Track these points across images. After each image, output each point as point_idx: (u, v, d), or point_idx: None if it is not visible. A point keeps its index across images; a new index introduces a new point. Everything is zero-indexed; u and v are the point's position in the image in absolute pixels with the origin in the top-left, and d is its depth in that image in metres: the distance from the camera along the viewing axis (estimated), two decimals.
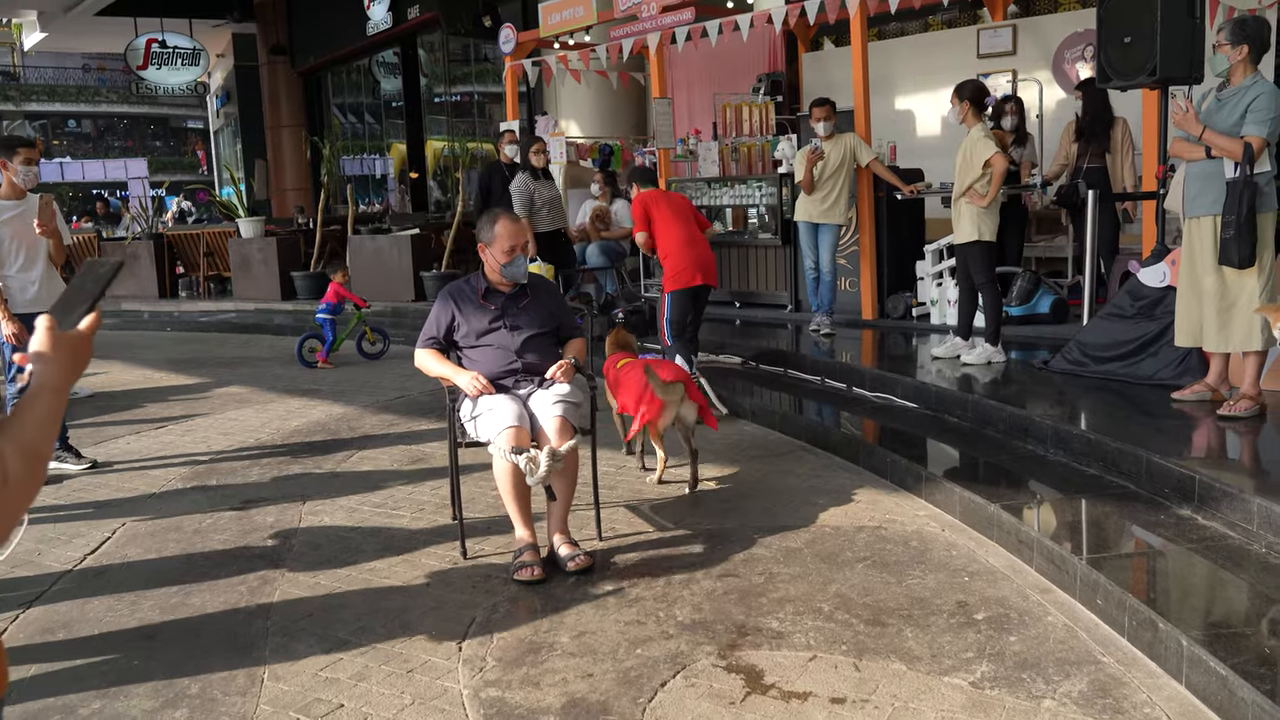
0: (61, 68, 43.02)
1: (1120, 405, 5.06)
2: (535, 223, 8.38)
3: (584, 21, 10.09)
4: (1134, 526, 3.77)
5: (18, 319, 5.28)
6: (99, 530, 4.54)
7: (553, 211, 8.65)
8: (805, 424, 5.79)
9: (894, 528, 4.17)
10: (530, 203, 8.40)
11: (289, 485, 5.17)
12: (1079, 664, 2.94)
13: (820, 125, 7.44)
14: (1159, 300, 5.35)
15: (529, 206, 8.38)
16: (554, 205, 8.68)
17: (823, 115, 7.46)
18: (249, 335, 11.44)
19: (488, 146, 18.13)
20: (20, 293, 5.41)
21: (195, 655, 3.24)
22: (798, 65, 11.70)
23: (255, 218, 13.63)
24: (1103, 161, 7.52)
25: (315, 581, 3.82)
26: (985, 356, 6.10)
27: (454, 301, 4.09)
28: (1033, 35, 9.60)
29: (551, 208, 8.63)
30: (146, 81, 19.54)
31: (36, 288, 5.44)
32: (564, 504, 3.90)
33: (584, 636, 3.25)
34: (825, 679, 2.90)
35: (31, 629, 3.49)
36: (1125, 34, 5.43)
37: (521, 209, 8.31)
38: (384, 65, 20.07)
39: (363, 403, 7.25)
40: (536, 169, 8.48)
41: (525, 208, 8.35)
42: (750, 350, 7.49)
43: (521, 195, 8.39)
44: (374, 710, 2.84)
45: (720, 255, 9.44)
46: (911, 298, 7.99)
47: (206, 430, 6.55)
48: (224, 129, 25.41)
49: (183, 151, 44.61)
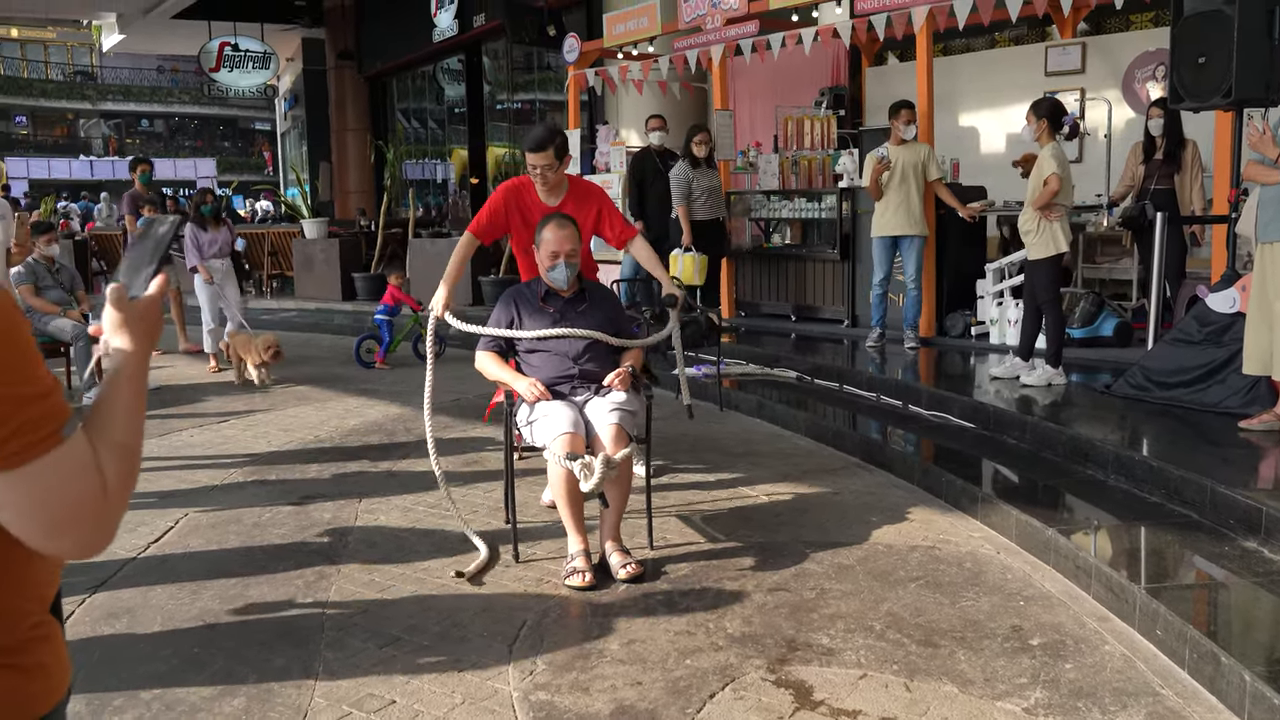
0: (137, 69, 44.24)
1: (1185, 432, 4.96)
2: (692, 211, 8.49)
3: (648, 32, 10.14)
4: (1197, 557, 3.69)
5: None
6: (163, 519, 4.65)
7: (711, 200, 8.66)
8: (860, 440, 5.75)
9: (948, 548, 4.13)
10: (688, 191, 8.48)
11: (346, 483, 5.26)
12: (1136, 695, 2.89)
13: (908, 128, 7.41)
14: (1227, 326, 5.24)
15: (686, 195, 8.47)
16: (713, 194, 8.70)
17: (910, 118, 7.42)
18: (309, 334, 11.64)
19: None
20: None
21: (253, 646, 3.30)
22: (861, 79, 11.65)
23: (319, 219, 13.88)
24: (1171, 183, 7.38)
25: (370, 579, 3.88)
26: (1046, 378, 6.01)
27: (514, 305, 4.14)
28: (1102, 54, 9.46)
29: (710, 196, 8.65)
30: (218, 83, 20.02)
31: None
32: (617, 511, 3.91)
33: (634, 644, 3.26)
34: (875, 698, 2.88)
35: (96, 614, 3.59)
36: (1200, 54, 5.33)
37: (679, 197, 8.44)
38: (448, 72, 20.32)
39: (418, 404, 7.28)
40: (697, 157, 8.53)
41: (683, 196, 8.45)
42: (805, 365, 7.46)
43: (680, 184, 8.47)
44: (425, 708, 2.88)
45: (778, 268, 9.44)
46: (971, 316, 7.90)
47: (267, 426, 6.67)
48: (290, 131, 25.90)
49: (250, 153, 45.59)
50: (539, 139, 4.37)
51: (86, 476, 1.08)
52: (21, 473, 1.04)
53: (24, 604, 1.14)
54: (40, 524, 1.07)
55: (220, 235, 8.87)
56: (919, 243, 7.50)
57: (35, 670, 1.15)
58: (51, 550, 1.10)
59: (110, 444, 1.12)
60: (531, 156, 4.36)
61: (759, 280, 9.61)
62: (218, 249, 8.82)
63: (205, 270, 8.71)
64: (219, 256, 8.84)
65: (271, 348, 7.88)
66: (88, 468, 1.09)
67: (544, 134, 4.40)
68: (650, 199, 8.90)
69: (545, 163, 4.34)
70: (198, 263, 8.70)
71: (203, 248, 8.73)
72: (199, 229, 8.78)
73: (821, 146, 9.86)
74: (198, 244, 8.72)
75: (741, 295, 9.71)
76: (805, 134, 9.89)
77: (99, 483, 1.09)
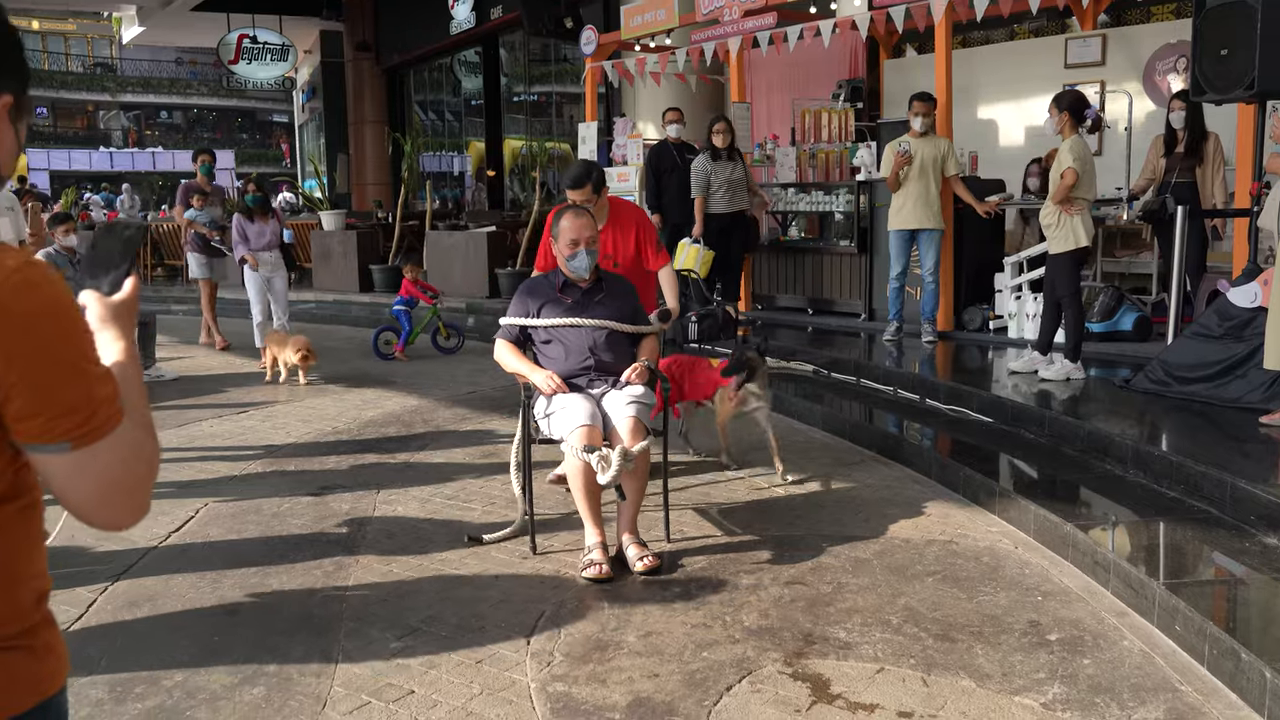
0: (156, 60, 44.43)
1: (1204, 427, 4.93)
2: (711, 204, 8.44)
3: (665, 25, 10.12)
4: (1216, 553, 3.67)
5: None
6: (183, 509, 4.69)
7: (731, 193, 8.57)
8: (877, 434, 5.74)
9: (965, 543, 4.12)
10: (706, 184, 8.44)
11: (364, 474, 5.29)
12: (1155, 691, 2.88)
13: (918, 120, 7.34)
14: (1249, 321, 5.20)
15: (704, 187, 8.43)
16: (734, 187, 8.59)
17: (922, 110, 7.33)
18: (327, 326, 11.68)
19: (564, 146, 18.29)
20: None
21: (273, 635, 3.33)
22: (879, 72, 11.58)
23: (337, 211, 13.93)
24: (1192, 176, 7.32)
25: (388, 569, 3.91)
26: (1064, 373, 5.98)
27: (531, 296, 4.15)
28: (1123, 46, 9.39)
29: (730, 189, 8.55)
30: (237, 76, 20.06)
31: None
32: (634, 504, 3.92)
33: (650, 637, 3.27)
34: (893, 692, 2.88)
35: (119, 601, 3.62)
36: (1222, 46, 5.29)
37: (698, 190, 8.41)
38: (465, 64, 20.34)
39: (436, 396, 7.37)
40: (718, 149, 8.48)
41: (700, 188, 8.41)
42: (822, 358, 7.44)
43: (699, 176, 8.44)
44: (443, 698, 2.90)
45: (795, 262, 9.42)
46: (989, 310, 7.87)
47: (286, 417, 6.71)
48: (308, 123, 25.97)
49: (268, 145, 45.77)
50: (577, 176, 4.60)
51: (143, 447, 1.17)
52: (96, 447, 1.11)
53: (38, 584, 1.19)
54: (99, 494, 1.14)
55: (269, 226, 8.72)
56: (936, 236, 7.46)
57: (45, 651, 1.19)
58: (98, 521, 1.16)
59: (143, 423, 1.19)
60: (572, 193, 4.55)
61: (775, 274, 9.59)
62: (266, 241, 8.66)
63: (253, 258, 8.56)
64: (268, 249, 8.69)
65: (302, 350, 7.69)
66: (142, 440, 1.17)
67: (581, 171, 4.65)
68: (668, 191, 8.90)
69: (584, 198, 4.54)
70: (245, 252, 8.58)
71: (250, 238, 8.59)
72: (245, 220, 8.66)
73: (839, 139, 9.82)
74: (244, 235, 8.59)
75: (758, 289, 9.70)
76: (823, 127, 9.84)
77: (151, 453, 1.19)
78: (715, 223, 8.48)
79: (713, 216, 8.47)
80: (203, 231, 9.50)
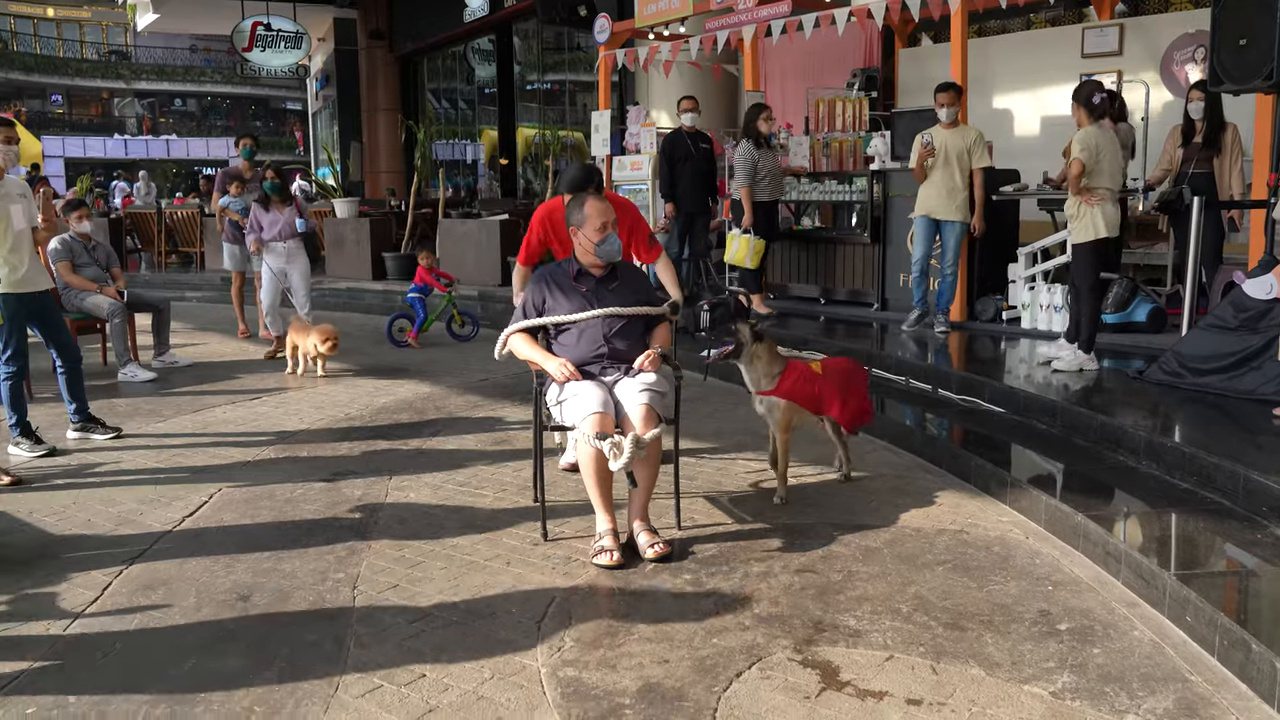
0: (170, 48, 44.58)
1: (1218, 419, 4.91)
2: (755, 193, 8.39)
3: (680, 13, 10.09)
4: (1228, 544, 3.66)
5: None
6: (196, 494, 4.72)
7: (773, 182, 8.57)
8: (889, 424, 5.73)
9: (976, 532, 4.12)
10: (753, 172, 8.37)
11: (376, 460, 5.31)
12: (1165, 681, 2.88)
13: (943, 112, 7.27)
14: (1264, 313, 5.17)
15: (751, 175, 8.35)
16: (775, 176, 8.60)
17: (946, 101, 7.25)
18: (341, 313, 11.73)
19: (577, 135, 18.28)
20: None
21: (285, 619, 3.36)
22: (894, 61, 11.53)
23: (350, 198, 13.95)
24: (1210, 167, 7.28)
25: (400, 555, 3.93)
26: (1077, 363, 5.96)
27: (546, 284, 4.16)
28: (1140, 35, 9.32)
29: (773, 178, 8.55)
30: (251, 63, 20.09)
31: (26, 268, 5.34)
32: (645, 491, 3.93)
33: (661, 623, 3.28)
34: (902, 679, 2.89)
35: (133, 585, 3.66)
36: (1241, 35, 5.25)
37: (744, 177, 8.33)
38: (479, 52, 20.34)
39: (449, 383, 7.40)
40: (762, 136, 8.43)
41: (748, 176, 8.33)
42: (834, 348, 7.42)
43: (745, 163, 8.35)
44: (455, 682, 2.92)
45: (808, 251, 9.40)
46: (1003, 301, 7.84)
47: (299, 403, 6.75)
48: (322, 111, 26.02)
49: (281, 132, 45.86)
50: (577, 180, 4.52)
51: None
52: None
53: None
54: None
55: (284, 215, 8.34)
56: (959, 228, 7.41)
57: None
58: None
59: None
60: (570, 196, 4.49)
61: (788, 263, 9.58)
62: (279, 230, 8.31)
63: (257, 245, 8.30)
64: (280, 239, 8.34)
65: (329, 339, 7.47)
66: None
67: (582, 175, 4.58)
68: (681, 180, 8.87)
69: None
70: (253, 240, 8.31)
71: (264, 227, 8.31)
72: (260, 208, 8.38)
73: (853, 129, 9.79)
74: (258, 223, 8.33)
75: (770, 278, 9.69)
76: (837, 116, 9.81)
77: None
78: (761, 210, 8.43)
79: (759, 205, 8.41)
80: (236, 219, 9.22)
